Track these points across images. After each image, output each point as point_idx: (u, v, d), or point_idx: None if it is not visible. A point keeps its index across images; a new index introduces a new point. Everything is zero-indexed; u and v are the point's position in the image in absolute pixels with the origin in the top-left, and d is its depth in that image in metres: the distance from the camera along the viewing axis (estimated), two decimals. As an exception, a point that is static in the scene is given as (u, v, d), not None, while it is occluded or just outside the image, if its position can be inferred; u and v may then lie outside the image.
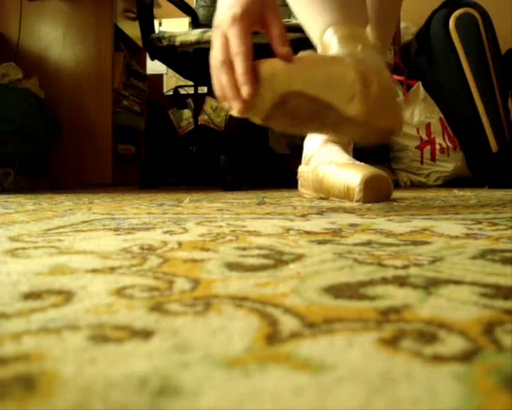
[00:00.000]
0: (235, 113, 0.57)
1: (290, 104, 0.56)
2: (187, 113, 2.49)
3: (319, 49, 0.70)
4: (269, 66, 0.55)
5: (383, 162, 1.80)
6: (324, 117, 0.59)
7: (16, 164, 1.62)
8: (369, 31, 0.67)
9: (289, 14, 0.98)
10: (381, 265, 0.24)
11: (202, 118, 2.36)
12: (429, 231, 0.37)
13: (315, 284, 0.20)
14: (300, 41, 1.39)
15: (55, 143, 1.80)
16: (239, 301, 0.18)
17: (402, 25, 2.07)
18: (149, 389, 0.11)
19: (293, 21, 1.33)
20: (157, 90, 2.56)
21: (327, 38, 0.68)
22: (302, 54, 0.58)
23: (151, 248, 0.29)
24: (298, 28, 1.39)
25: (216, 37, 0.60)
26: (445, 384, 0.11)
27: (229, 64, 0.57)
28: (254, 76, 0.55)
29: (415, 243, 0.31)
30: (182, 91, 2.21)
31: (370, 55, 0.65)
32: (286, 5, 0.85)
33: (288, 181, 0.64)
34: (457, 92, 1.73)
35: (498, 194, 1.01)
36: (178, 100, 2.17)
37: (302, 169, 0.92)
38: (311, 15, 0.72)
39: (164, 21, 2.57)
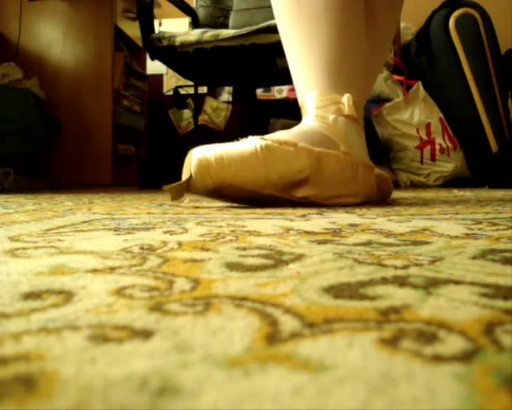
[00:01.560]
0: (173, 196, 0.58)
1: (226, 192, 0.57)
2: (187, 113, 2.49)
3: (300, 105, 0.71)
4: (203, 160, 0.55)
5: (383, 162, 1.80)
6: (268, 199, 0.60)
7: (16, 164, 1.62)
8: (344, 100, 0.67)
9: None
10: (381, 265, 0.24)
11: (202, 118, 2.36)
12: (429, 231, 0.37)
13: (315, 284, 0.20)
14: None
15: (56, 143, 1.80)
16: (239, 301, 0.18)
17: (402, 25, 2.07)
18: (149, 389, 0.11)
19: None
20: (157, 90, 2.57)
21: (307, 101, 0.68)
22: (248, 140, 0.58)
23: (151, 249, 0.29)
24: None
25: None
26: (445, 384, 0.11)
27: None
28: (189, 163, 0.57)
29: (415, 243, 0.31)
30: (182, 91, 2.21)
31: (340, 126, 0.65)
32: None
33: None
34: (457, 92, 1.73)
35: (498, 194, 1.01)
36: (178, 100, 2.17)
37: None
38: (299, 72, 0.72)
39: (164, 21, 2.57)
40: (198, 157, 0.55)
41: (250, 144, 0.56)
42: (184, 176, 0.57)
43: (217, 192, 0.57)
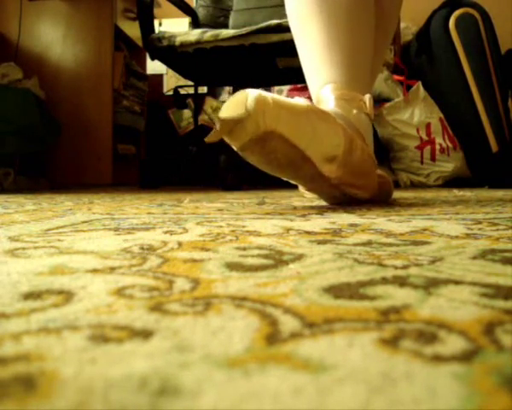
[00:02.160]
0: (214, 135, 0.54)
1: (270, 144, 0.55)
2: (187, 113, 2.49)
3: (314, 100, 0.70)
4: (261, 99, 0.53)
5: (383, 162, 1.80)
6: (299, 167, 0.58)
7: (16, 164, 1.62)
8: (366, 99, 0.68)
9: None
10: (381, 265, 0.24)
11: (202, 118, 2.36)
12: (429, 231, 0.37)
13: (315, 284, 0.20)
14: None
15: (55, 143, 1.80)
16: (239, 301, 0.18)
17: (402, 25, 2.07)
18: (149, 389, 0.11)
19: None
20: (157, 90, 2.57)
21: (324, 94, 0.68)
22: (298, 98, 0.57)
23: (151, 248, 0.29)
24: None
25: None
26: (445, 384, 0.11)
27: None
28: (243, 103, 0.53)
29: (415, 243, 0.31)
30: (182, 91, 2.21)
31: (362, 122, 0.66)
32: (282, 5, 0.85)
33: (288, 181, 0.66)
34: (457, 92, 1.73)
35: (498, 194, 1.01)
36: (178, 100, 2.17)
37: None
38: (315, 66, 0.71)
39: (164, 21, 2.57)
40: (256, 94, 0.52)
41: (303, 102, 0.56)
42: (233, 113, 0.53)
43: (262, 141, 0.54)
